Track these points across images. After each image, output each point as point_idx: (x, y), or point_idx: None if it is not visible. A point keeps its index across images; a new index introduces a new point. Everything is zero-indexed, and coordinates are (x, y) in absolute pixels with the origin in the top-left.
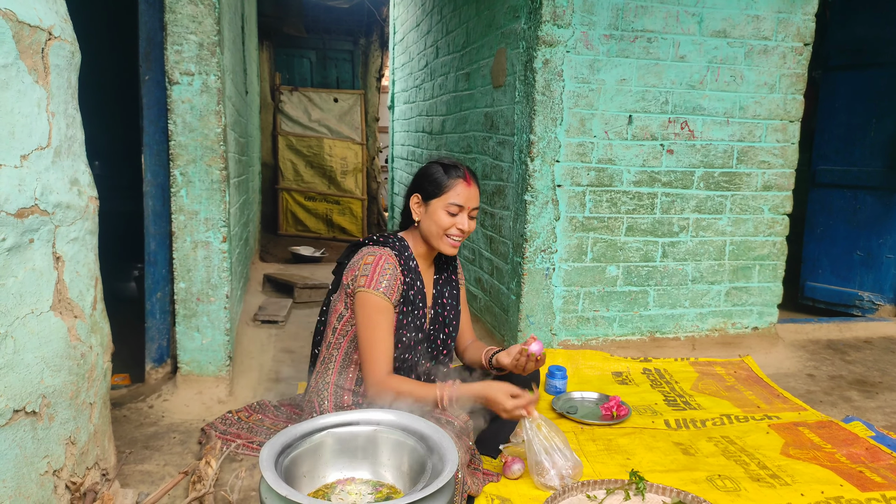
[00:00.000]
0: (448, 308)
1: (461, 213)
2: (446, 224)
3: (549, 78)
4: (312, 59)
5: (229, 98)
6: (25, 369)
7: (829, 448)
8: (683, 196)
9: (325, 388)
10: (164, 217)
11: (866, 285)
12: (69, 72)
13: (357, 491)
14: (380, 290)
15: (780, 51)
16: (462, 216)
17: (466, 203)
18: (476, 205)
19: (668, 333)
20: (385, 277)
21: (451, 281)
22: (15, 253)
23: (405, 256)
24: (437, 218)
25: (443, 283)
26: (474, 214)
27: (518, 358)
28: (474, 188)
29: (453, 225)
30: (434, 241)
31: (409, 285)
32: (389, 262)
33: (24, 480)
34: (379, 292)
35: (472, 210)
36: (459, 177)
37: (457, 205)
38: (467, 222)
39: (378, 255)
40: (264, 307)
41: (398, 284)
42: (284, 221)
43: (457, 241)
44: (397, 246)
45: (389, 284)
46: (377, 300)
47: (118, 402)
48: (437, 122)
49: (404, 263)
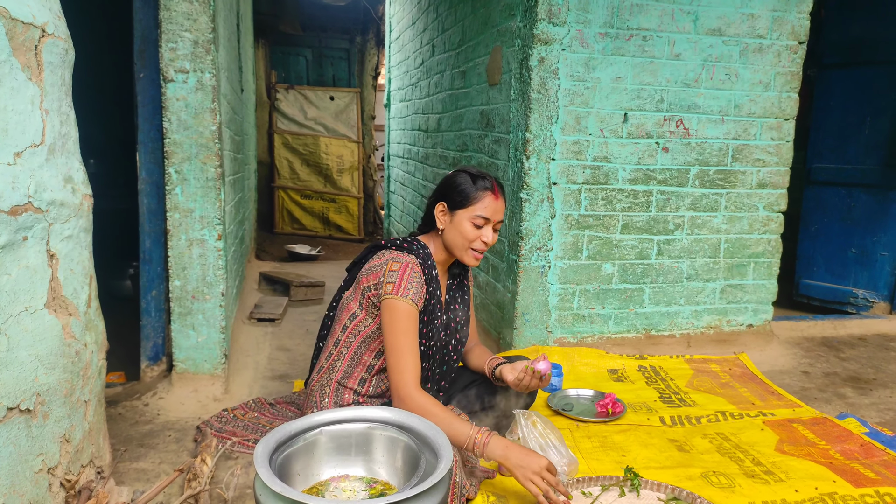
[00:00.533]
0: (459, 314)
1: (486, 226)
2: (472, 236)
3: (545, 76)
4: (308, 57)
5: (224, 96)
6: (20, 367)
7: (823, 444)
8: (678, 194)
9: (328, 384)
10: (159, 215)
11: (861, 283)
12: (63, 69)
13: (351, 488)
14: (408, 296)
15: (775, 49)
16: (487, 229)
17: (493, 216)
18: (502, 218)
19: (663, 331)
20: (413, 285)
21: (462, 286)
22: (9, 250)
23: (428, 265)
24: (462, 229)
25: (455, 288)
26: (499, 227)
27: (522, 377)
28: (501, 201)
29: (478, 237)
30: (457, 251)
31: (431, 294)
32: (416, 270)
33: (19, 478)
34: (407, 299)
35: (497, 223)
36: (488, 189)
37: (483, 217)
38: (491, 235)
39: (405, 262)
40: (260, 305)
41: (423, 293)
42: (280, 219)
43: (480, 253)
44: (422, 254)
45: (417, 292)
46: (407, 307)
47: (113, 400)
48: (433, 120)
49: (427, 273)
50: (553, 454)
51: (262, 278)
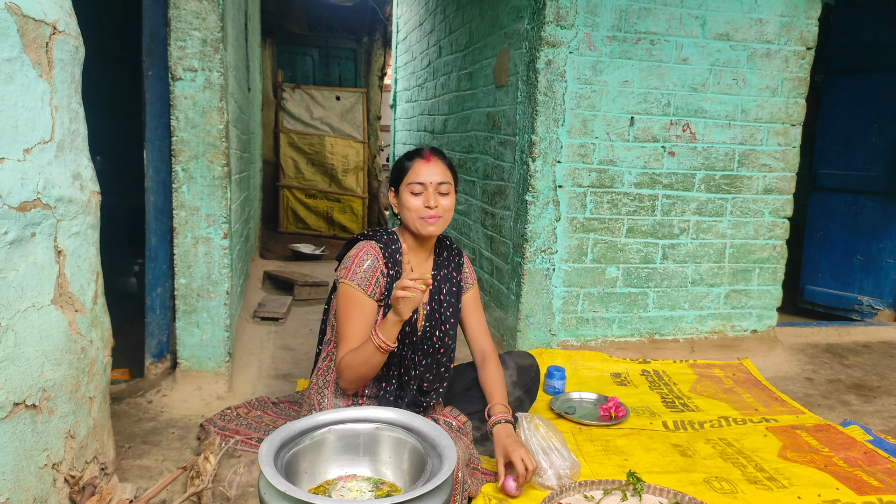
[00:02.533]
0: (445, 304)
1: (425, 191)
2: (413, 205)
3: (552, 79)
4: (315, 56)
5: (232, 95)
6: (26, 363)
7: (826, 451)
8: (684, 198)
9: (326, 386)
10: (165, 213)
11: (866, 290)
12: (73, 66)
13: (358, 488)
14: (354, 280)
15: (783, 54)
16: (427, 194)
17: (427, 179)
18: (441, 180)
19: (667, 335)
20: (362, 268)
21: (451, 278)
22: (17, 246)
23: (392, 249)
24: (405, 202)
25: (441, 279)
26: (445, 190)
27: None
28: (436, 164)
29: (421, 205)
30: (412, 225)
31: (395, 278)
32: (370, 253)
33: (24, 473)
34: (353, 283)
35: (438, 185)
36: (416, 157)
37: (418, 183)
38: (435, 198)
39: (360, 247)
40: (264, 304)
41: (377, 276)
42: (285, 219)
43: (431, 220)
44: (384, 238)
45: (365, 276)
46: (350, 290)
47: (117, 396)
48: (439, 122)
49: (390, 255)
50: (556, 457)
51: (267, 277)
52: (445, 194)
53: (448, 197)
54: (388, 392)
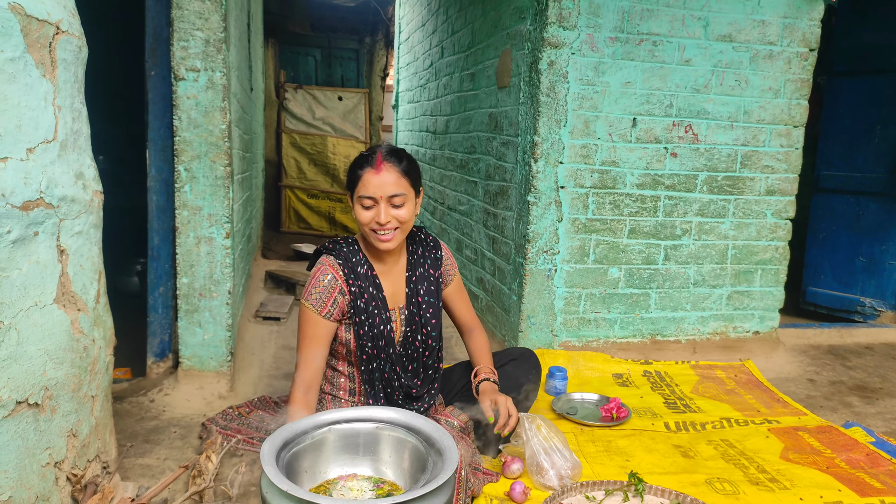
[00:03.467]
0: (424, 306)
1: (376, 206)
2: (364, 219)
3: (554, 79)
4: (317, 57)
5: (234, 95)
6: (28, 361)
7: (828, 453)
8: (686, 199)
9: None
10: (167, 212)
11: (868, 291)
12: (76, 66)
13: (358, 487)
14: (309, 301)
15: (786, 56)
16: (378, 208)
17: (377, 192)
18: (393, 192)
19: (668, 336)
20: (317, 289)
21: (428, 276)
22: (20, 245)
23: (353, 262)
24: (357, 214)
25: (417, 279)
26: (398, 202)
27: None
28: (388, 172)
29: (372, 219)
30: (368, 238)
31: (358, 294)
32: (327, 272)
33: (26, 471)
34: (308, 303)
35: (391, 198)
36: (367, 165)
37: (367, 197)
38: (386, 213)
39: (319, 264)
40: (266, 304)
41: (335, 295)
42: (287, 219)
43: (384, 235)
44: (344, 252)
45: (320, 297)
46: (305, 310)
47: (119, 395)
48: (441, 122)
49: (350, 269)
50: (557, 458)
51: (268, 277)
52: (399, 206)
53: (403, 208)
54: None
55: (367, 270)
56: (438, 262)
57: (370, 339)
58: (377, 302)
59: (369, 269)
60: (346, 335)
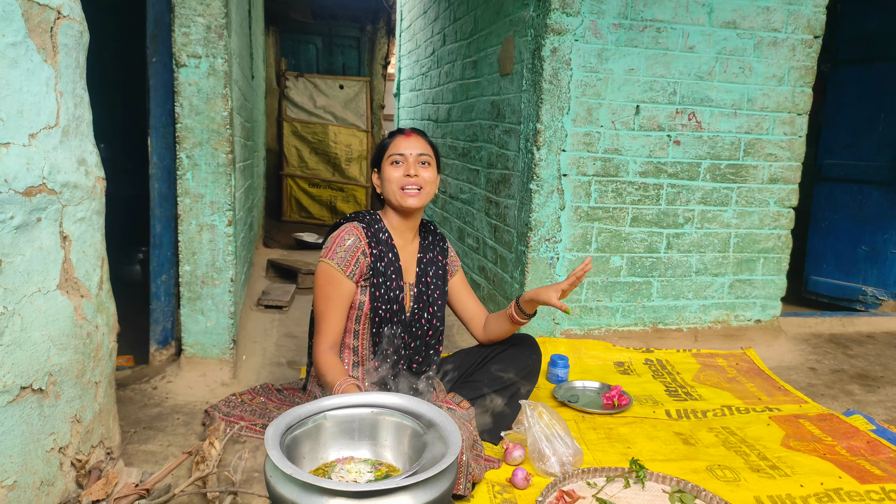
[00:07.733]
0: (432, 287)
1: (405, 162)
2: (393, 176)
3: (557, 66)
4: (318, 45)
5: (236, 82)
6: (32, 347)
7: (829, 440)
8: (689, 187)
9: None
10: (169, 200)
11: (870, 280)
12: (78, 51)
13: (356, 469)
14: (334, 259)
15: (790, 43)
16: (407, 164)
17: (407, 149)
18: (421, 151)
19: (670, 324)
20: (343, 248)
21: (437, 261)
22: (22, 231)
23: (375, 228)
24: (386, 174)
25: (427, 262)
26: (425, 160)
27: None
28: (416, 139)
29: (401, 175)
30: (394, 199)
31: (379, 256)
32: (352, 232)
33: (31, 456)
34: (333, 262)
35: (419, 156)
36: (398, 134)
37: (398, 153)
38: (415, 168)
39: (343, 227)
40: (268, 292)
41: (358, 255)
42: (288, 207)
43: (412, 190)
44: (367, 218)
45: (345, 256)
46: (329, 269)
47: (122, 382)
48: (444, 110)
49: (373, 234)
50: (559, 444)
51: (270, 265)
52: (426, 164)
53: (429, 169)
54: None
55: (388, 238)
56: (445, 252)
57: (385, 303)
58: (394, 268)
59: (389, 238)
60: (360, 297)
